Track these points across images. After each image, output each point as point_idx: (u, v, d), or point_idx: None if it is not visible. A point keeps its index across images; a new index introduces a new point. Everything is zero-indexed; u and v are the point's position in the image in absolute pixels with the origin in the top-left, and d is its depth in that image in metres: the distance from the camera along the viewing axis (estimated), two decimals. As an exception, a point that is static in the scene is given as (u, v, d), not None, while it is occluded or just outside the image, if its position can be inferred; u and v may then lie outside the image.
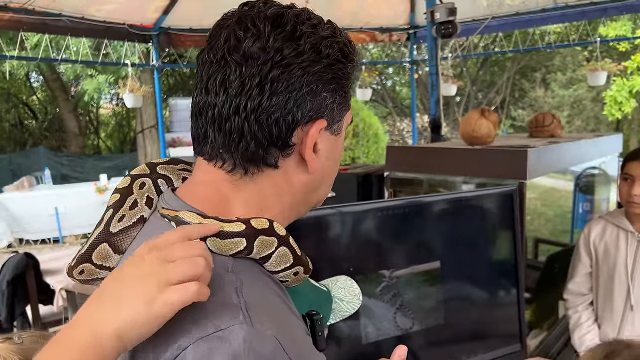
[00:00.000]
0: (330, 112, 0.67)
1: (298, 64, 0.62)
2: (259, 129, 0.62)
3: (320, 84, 0.64)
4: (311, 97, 0.64)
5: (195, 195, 0.67)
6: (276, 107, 0.62)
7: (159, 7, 4.89)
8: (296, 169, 0.67)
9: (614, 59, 11.29)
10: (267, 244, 0.63)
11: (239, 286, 0.56)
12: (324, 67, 0.64)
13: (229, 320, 0.52)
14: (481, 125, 2.01)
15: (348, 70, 0.67)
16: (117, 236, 0.70)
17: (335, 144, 0.70)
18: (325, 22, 0.67)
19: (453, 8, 2.82)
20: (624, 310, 1.86)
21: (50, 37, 4.72)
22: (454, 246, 1.54)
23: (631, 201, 1.81)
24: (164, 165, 0.77)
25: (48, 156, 11.21)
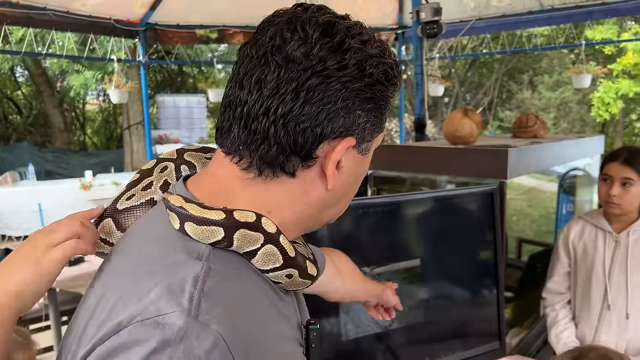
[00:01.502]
0: (361, 131, 0.64)
1: (338, 78, 0.60)
2: (285, 134, 0.60)
3: (358, 101, 0.62)
4: (345, 113, 0.61)
5: (201, 184, 0.67)
6: (307, 116, 0.60)
7: (145, 2, 4.85)
8: (314, 183, 0.65)
9: (600, 62, 11.44)
10: (251, 239, 0.61)
11: (202, 275, 0.55)
12: (364, 86, 0.62)
13: (171, 307, 0.51)
14: (464, 125, 2.03)
15: (389, 93, 0.65)
16: (122, 213, 0.71)
17: (360, 164, 0.68)
18: (376, 40, 0.65)
19: (438, 8, 2.83)
20: (601, 310, 1.88)
21: (35, 31, 4.66)
22: (435, 244, 1.55)
23: (610, 202, 1.83)
24: (193, 152, 0.77)
25: (32, 152, 11.07)
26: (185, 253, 0.58)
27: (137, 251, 0.61)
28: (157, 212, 0.66)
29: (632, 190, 1.81)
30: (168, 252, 0.58)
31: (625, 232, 1.86)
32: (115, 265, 0.62)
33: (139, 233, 0.66)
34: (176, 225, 0.60)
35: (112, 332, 0.52)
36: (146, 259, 0.58)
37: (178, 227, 0.60)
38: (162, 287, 0.53)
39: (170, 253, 0.58)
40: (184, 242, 0.59)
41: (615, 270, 1.86)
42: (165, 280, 0.54)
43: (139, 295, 0.53)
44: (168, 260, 0.57)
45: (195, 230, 0.59)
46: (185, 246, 0.59)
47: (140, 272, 0.56)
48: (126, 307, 0.53)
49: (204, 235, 0.59)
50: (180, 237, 0.60)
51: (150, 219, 0.68)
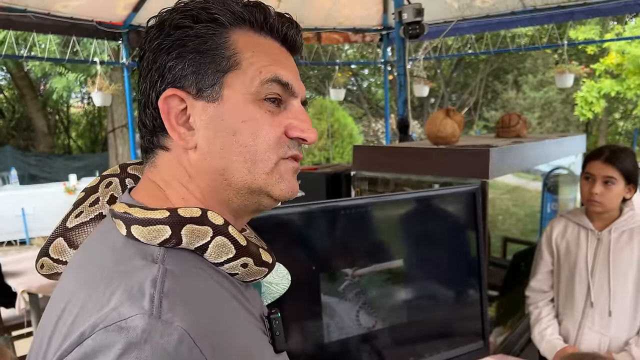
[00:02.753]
0: (186, 79, 0.63)
1: (147, 47, 0.65)
2: (143, 118, 0.67)
3: (163, 54, 0.63)
4: (159, 73, 0.64)
5: (144, 192, 0.68)
6: (143, 94, 0.66)
7: (128, 4, 4.81)
8: (181, 149, 0.65)
9: (583, 62, 11.59)
10: (200, 233, 0.61)
11: (158, 276, 0.55)
12: (163, 38, 0.64)
13: (132, 310, 0.51)
14: (446, 125, 2.03)
15: (197, 31, 0.63)
16: (73, 231, 0.71)
17: (218, 112, 0.63)
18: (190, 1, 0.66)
19: (420, 9, 2.84)
20: (585, 307, 1.89)
21: (16, 33, 4.60)
22: (417, 244, 1.55)
23: (592, 200, 1.85)
24: (136, 165, 0.78)
25: (15, 156, 10.93)
26: (140, 258, 0.58)
27: (91, 263, 0.61)
28: (107, 224, 0.66)
29: (613, 189, 1.82)
30: (121, 259, 0.58)
31: (607, 230, 1.88)
32: (73, 278, 0.61)
33: (91, 246, 0.66)
34: (123, 231, 0.60)
35: (76, 343, 0.51)
36: (101, 268, 0.58)
37: (125, 233, 0.60)
38: (121, 293, 0.53)
39: (124, 260, 0.58)
40: (135, 247, 0.59)
41: (598, 268, 1.88)
42: (123, 286, 0.53)
43: (100, 304, 0.53)
44: (123, 267, 0.57)
45: (142, 232, 0.59)
46: (137, 251, 0.59)
47: (97, 282, 0.56)
48: (88, 317, 0.52)
49: (151, 236, 0.59)
50: (130, 243, 0.60)
51: (100, 231, 0.68)
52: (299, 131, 0.67)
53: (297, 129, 0.67)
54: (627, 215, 1.87)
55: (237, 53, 0.64)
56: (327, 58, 6.48)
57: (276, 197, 0.67)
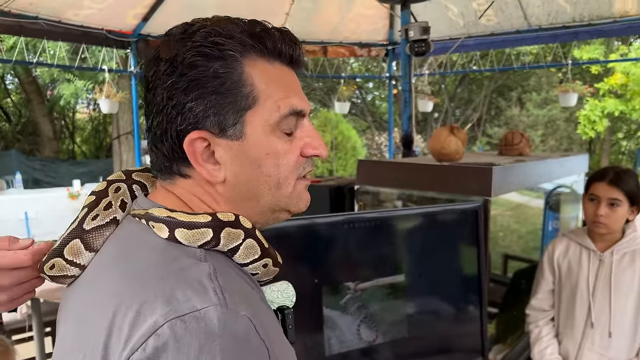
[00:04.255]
0: (208, 120, 0.65)
1: (159, 84, 0.65)
2: (157, 146, 0.68)
3: (181, 95, 0.64)
4: (177, 112, 0.65)
5: (163, 198, 0.71)
6: (158, 126, 0.67)
7: (138, 14, 4.86)
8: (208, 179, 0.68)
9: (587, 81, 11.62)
10: (234, 236, 0.66)
11: (212, 272, 0.59)
12: (177, 78, 0.64)
13: (204, 302, 0.55)
14: (450, 142, 2.06)
15: (216, 68, 0.64)
16: (90, 234, 0.71)
17: (242, 149, 0.66)
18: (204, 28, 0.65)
19: (427, 27, 2.88)
20: (585, 327, 1.90)
21: (26, 39, 4.65)
22: (419, 260, 1.56)
23: (597, 221, 1.85)
24: (139, 172, 0.80)
25: (20, 160, 11.00)
26: (187, 257, 0.62)
27: (135, 264, 0.63)
28: (132, 228, 0.69)
29: (618, 211, 1.83)
30: (169, 259, 0.61)
31: (609, 251, 1.89)
32: (113, 281, 0.63)
33: (124, 247, 0.68)
34: (164, 234, 0.64)
35: (149, 332, 0.54)
36: (149, 266, 0.61)
37: (167, 236, 0.64)
38: (184, 288, 0.57)
39: (172, 259, 0.61)
40: (179, 248, 0.63)
41: (599, 289, 1.88)
42: (183, 281, 0.57)
43: (164, 297, 0.56)
44: (173, 265, 0.60)
45: (186, 235, 0.63)
46: (182, 252, 0.63)
47: (149, 279, 0.59)
48: (155, 308, 0.55)
49: (194, 238, 0.63)
50: (172, 245, 0.64)
51: (131, 234, 0.70)
52: (313, 149, 0.72)
53: (311, 147, 0.71)
54: (629, 237, 1.88)
55: (254, 88, 0.66)
56: (333, 71, 6.53)
57: (294, 212, 0.74)
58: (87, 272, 0.71)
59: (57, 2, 4.24)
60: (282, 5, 4.92)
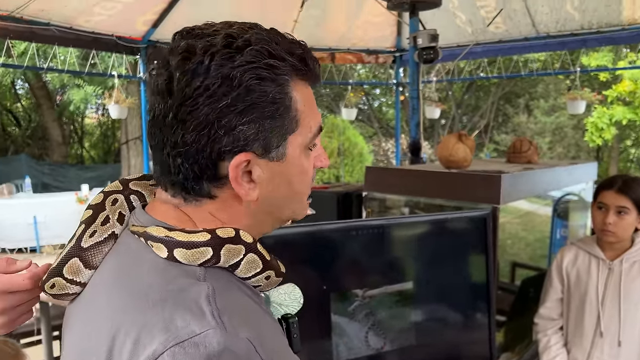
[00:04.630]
0: (257, 142, 0.63)
1: (203, 101, 0.60)
2: (182, 163, 0.63)
3: (234, 116, 0.61)
4: (225, 132, 0.61)
5: (161, 213, 0.70)
6: (191, 144, 0.62)
7: (148, 20, 4.91)
8: (237, 198, 0.67)
9: (595, 88, 11.57)
10: (235, 252, 0.65)
11: (210, 294, 0.58)
12: (234, 99, 0.60)
13: (202, 326, 0.54)
14: (458, 150, 2.06)
15: (273, 93, 0.63)
16: (89, 251, 0.70)
17: (281, 170, 0.67)
18: (254, 44, 0.62)
19: (435, 34, 2.89)
20: (594, 337, 1.89)
21: (37, 45, 4.70)
22: (427, 267, 1.56)
23: (605, 230, 1.85)
24: (137, 181, 0.78)
25: (29, 164, 11.09)
26: (186, 277, 0.61)
27: (133, 286, 0.62)
28: (134, 244, 0.68)
29: (627, 219, 1.83)
30: (168, 280, 0.61)
31: (619, 260, 1.88)
32: (112, 303, 0.62)
33: (123, 266, 0.67)
34: (163, 254, 0.63)
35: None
36: (150, 288, 0.60)
37: (166, 256, 0.63)
38: (182, 312, 0.56)
39: (171, 280, 0.60)
40: (178, 268, 0.62)
41: (608, 298, 1.87)
42: (181, 305, 0.57)
43: (163, 323, 0.55)
44: (172, 286, 0.59)
45: (185, 254, 0.62)
46: (181, 272, 0.62)
47: (148, 302, 0.58)
48: (154, 336, 0.55)
49: (194, 258, 0.62)
50: (171, 264, 0.63)
51: (129, 251, 0.68)
52: (321, 162, 0.74)
53: (320, 160, 0.74)
54: (638, 246, 1.88)
55: (298, 112, 0.66)
56: (340, 78, 6.55)
57: (297, 220, 0.76)
58: (88, 289, 0.70)
59: (68, 9, 4.29)
60: (290, 12, 4.95)
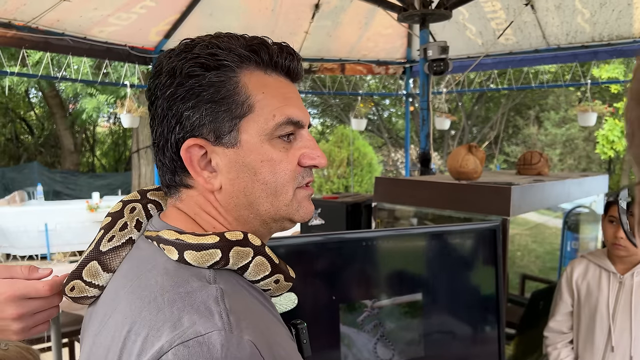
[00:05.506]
0: (204, 127, 0.67)
1: (160, 95, 0.68)
2: (161, 158, 0.71)
3: (179, 104, 0.67)
4: (176, 120, 0.68)
5: (173, 217, 0.73)
6: (160, 137, 0.70)
7: (160, 30, 4.98)
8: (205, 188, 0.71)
9: (606, 100, 11.52)
10: (243, 255, 0.67)
11: (219, 295, 0.59)
12: (175, 87, 0.67)
13: (208, 327, 0.55)
14: (468, 161, 2.06)
15: (212, 78, 0.67)
16: (107, 255, 0.73)
17: (237, 157, 0.68)
18: (203, 42, 0.68)
19: (445, 46, 2.90)
20: (605, 351, 1.87)
21: (51, 55, 4.78)
22: (437, 279, 1.56)
23: (617, 244, 1.84)
24: (154, 191, 0.81)
25: (41, 172, 11.20)
26: (196, 279, 0.63)
27: (147, 287, 0.64)
28: (146, 250, 0.71)
29: None
30: (179, 282, 0.62)
31: (630, 274, 1.86)
32: (129, 303, 0.64)
33: (138, 270, 0.69)
34: (174, 256, 0.65)
35: (155, 358, 0.55)
36: (161, 290, 0.62)
37: (177, 258, 0.65)
38: (191, 312, 0.57)
39: (181, 282, 0.62)
40: (189, 270, 0.64)
41: (619, 312, 1.86)
42: (189, 306, 0.58)
43: (171, 322, 0.57)
44: (182, 288, 0.61)
45: (195, 256, 0.64)
46: (191, 274, 0.64)
47: (160, 303, 0.60)
48: (161, 334, 0.56)
49: (203, 260, 0.64)
50: (182, 266, 0.65)
51: (142, 257, 0.71)
52: (310, 159, 0.73)
53: (309, 157, 0.73)
54: None
55: (249, 97, 0.68)
56: (350, 88, 6.58)
57: (297, 221, 0.75)
58: (106, 292, 0.73)
59: (83, 19, 4.36)
60: (301, 24, 4.99)
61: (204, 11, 4.68)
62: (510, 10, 4.55)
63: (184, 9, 4.66)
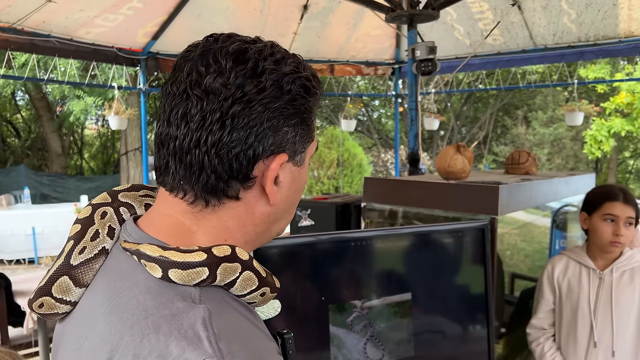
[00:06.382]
0: (292, 145, 0.67)
1: (259, 101, 0.62)
2: (219, 162, 0.62)
3: (282, 119, 0.65)
4: (272, 132, 0.64)
5: (157, 226, 0.67)
6: (237, 142, 0.62)
7: (148, 32, 4.94)
8: (258, 201, 0.67)
9: (593, 100, 11.64)
10: (231, 270, 0.63)
11: (207, 317, 0.56)
12: (285, 103, 0.65)
13: (198, 355, 0.52)
14: (456, 161, 2.06)
15: (310, 104, 0.69)
16: (78, 269, 0.68)
17: (297, 175, 0.71)
18: (290, 57, 0.67)
19: (433, 47, 2.92)
20: (588, 347, 1.88)
21: (38, 56, 4.73)
22: (426, 279, 1.56)
23: (616, 242, 1.83)
24: (126, 192, 0.76)
25: (28, 175, 11.09)
26: (181, 300, 0.59)
27: (128, 306, 0.59)
28: (125, 262, 0.66)
29: (632, 229, 1.84)
30: (163, 303, 0.58)
31: (609, 270, 1.88)
32: (108, 325, 0.59)
33: (116, 286, 0.64)
34: (158, 274, 0.61)
35: None
36: (143, 312, 0.58)
37: (160, 276, 0.60)
38: (178, 339, 0.54)
39: (165, 303, 0.58)
40: (173, 289, 0.60)
41: (600, 308, 1.87)
42: (176, 331, 0.55)
43: (158, 352, 0.53)
44: (166, 310, 0.57)
45: (180, 275, 0.60)
46: (176, 293, 0.60)
47: (143, 327, 0.56)
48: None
49: (190, 278, 0.60)
50: (166, 285, 0.61)
51: (122, 270, 0.66)
52: None
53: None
54: (627, 255, 1.89)
55: (313, 123, 0.72)
56: (339, 89, 6.59)
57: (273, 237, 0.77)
58: (80, 307, 0.68)
59: (69, 21, 4.32)
60: (290, 25, 4.99)
61: (192, 12, 4.66)
62: (498, 11, 4.59)
63: (172, 10, 4.63)
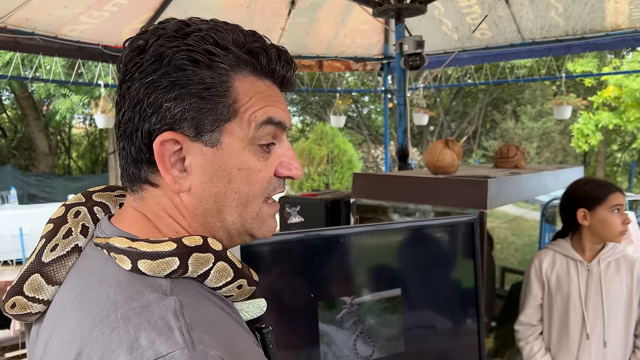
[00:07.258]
0: (185, 122, 0.61)
1: (138, 78, 0.61)
2: (125, 145, 0.63)
3: (160, 93, 0.60)
4: (153, 110, 0.61)
5: (124, 219, 0.67)
6: (128, 123, 0.62)
7: (134, 29, 4.89)
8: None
9: (580, 94, 11.73)
10: (203, 261, 0.62)
11: (178, 308, 0.55)
12: (160, 76, 0.60)
13: (169, 346, 0.51)
14: (445, 155, 2.06)
15: (202, 76, 0.61)
16: (50, 266, 0.67)
17: (215, 158, 0.63)
18: (200, 32, 0.62)
19: (421, 41, 2.91)
20: (580, 339, 1.89)
21: (22, 55, 4.66)
22: (415, 274, 1.55)
23: (624, 230, 1.85)
24: (100, 192, 0.75)
25: (15, 175, 10.97)
26: (151, 291, 0.57)
27: (97, 302, 0.58)
28: (95, 259, 0.64)
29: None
30: (132, 295, 0.57)
31: (596, 261, 1.89)
32: (78, 320, 0.58)
33: (86, 282, 0.62)
34: (127, 266, 0.59)
35: None
36: (113, 306, 0.56)
37: (130, 268, 0.59)
38: (148, 330, 0.52)
39: (135, 295, 0.57)
40: (142, 281, 0.59)
41: (591, 299, 1.88)
42: (146, 323, 0.53)
43: (127, 343, 0.52)
44: (137, 302, 0.56)
45: (150, 266, 0.59)
46: (145, 285, 0.58)
47: (112, 321, 0.54)
48: (116, 358, 0.51)
49: (160, 269, 0.59)
50: (135, 277, 0.59)
51: (91, 267, 0.65)
52: (288, 170, 0.69)
53: (286, 167, 0.69)
54: (610, 246, 1.92)
55: (236, 102, 0.64)
56: (329, 85, 6.57)
57: (258, 237, 0.71)
58: (52, 307, 0.66)
59: (53, 18, 4.26)
60: (277, 20, 4.96)
61: (179, 8, 4.61)
62: (485, 5, 4.58)
63: (158, 6, 4.59)
